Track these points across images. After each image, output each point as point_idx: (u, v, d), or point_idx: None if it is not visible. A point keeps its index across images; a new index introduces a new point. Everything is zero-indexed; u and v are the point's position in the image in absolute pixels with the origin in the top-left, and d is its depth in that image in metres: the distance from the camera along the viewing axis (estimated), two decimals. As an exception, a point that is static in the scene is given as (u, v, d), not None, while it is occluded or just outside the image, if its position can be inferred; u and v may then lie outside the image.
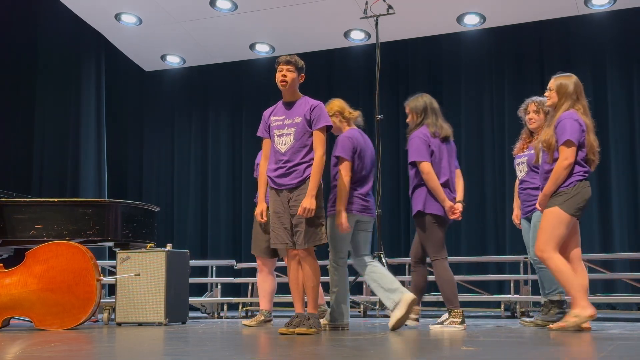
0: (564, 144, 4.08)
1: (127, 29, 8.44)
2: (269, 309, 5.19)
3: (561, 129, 4.10)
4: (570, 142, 4.07)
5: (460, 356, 2.58)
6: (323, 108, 4.17)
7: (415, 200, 4.52)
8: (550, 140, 4.13)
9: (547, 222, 4.10)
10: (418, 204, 4.48)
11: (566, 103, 4.21)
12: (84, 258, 4.91)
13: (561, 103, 4.22)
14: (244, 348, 3.12)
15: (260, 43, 8.76)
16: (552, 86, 4.29)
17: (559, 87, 4.25)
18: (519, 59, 8.13)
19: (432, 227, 4.47)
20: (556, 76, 4.32)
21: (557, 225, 4.07)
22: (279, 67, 4.18)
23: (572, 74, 4.33)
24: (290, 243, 4.09)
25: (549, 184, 4.10)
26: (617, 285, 7.21)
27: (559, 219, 4.07)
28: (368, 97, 8.53)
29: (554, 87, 4.28)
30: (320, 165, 4.06)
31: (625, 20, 7.61)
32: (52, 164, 8.49)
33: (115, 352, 3.03)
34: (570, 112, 4.16)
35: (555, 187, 4.09)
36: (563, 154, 4.08)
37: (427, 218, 4.47)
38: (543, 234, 4.10)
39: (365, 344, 3.27)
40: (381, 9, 5.65)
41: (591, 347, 2.97)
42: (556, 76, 4.32)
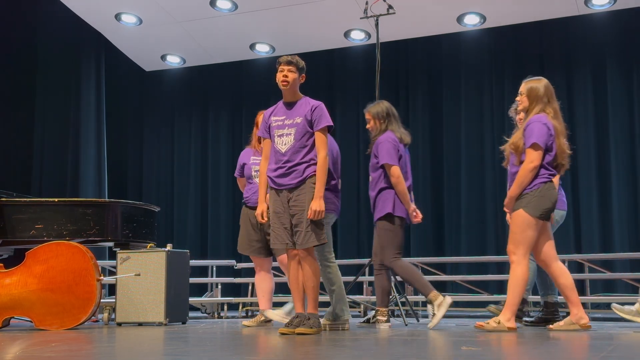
0: (530, 147, 4.12)
1: (127, 29, 8.44)
2: (268, 308, 5.19)
3: (529, 132, 4.15)
4: (537, 146, 4.11)
5: (460, 356, 2.58)
6: (324, 108, 4.17)
7: (384, 202, 4.65)
8: (519, 143, 4.18)
9: (515, 225, 4.14)
10: (387, 207, 4.62)
11: (537, 107, 4.26)
12: (84, 258, 4.91)
13: (532, 107, 4.27)
14: (244, 348, 3.12)
15: (261, 43, 8.76)
16: (522, 90, 4.34)
17: (529, 91, 4.30)
18: (519, 59, 8.13)
19: (398, 229, 4.65)
20: (527, 80, 4.38)
21: (525, 228, 4.11)
22: (279, 67, 4.18)
23: (542, 77, 4.38)
24: (290, 243, 4.09)
25: (514, 186, 4.15)
26: (617, 285, 7.21)
27: (526, 222, 4.11)
28: (368, 97, 8.51)
29: (524, 91, 4.33)
30: (324, 166, 4.07)
31: (626, 20, 7.61)
32: (52, 164, 8.48)
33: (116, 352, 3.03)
34: (539, 116, 4.20)
35: (520, 189, 4.13)
36: (529, 156, 4.12)
37: (395, 220, 4.62)
38: (512, 237, 4.15)
39: (366, 344, 3.27)
40: (381, 9, 5.65)
41: (591, 347, 2.97)
42: (527, 80, 4.38)
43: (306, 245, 4.01)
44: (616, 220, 7.43)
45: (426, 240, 8.19)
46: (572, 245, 7.55)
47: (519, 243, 4.11)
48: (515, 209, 4.15)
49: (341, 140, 8.71)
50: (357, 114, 8.74)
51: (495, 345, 3.14)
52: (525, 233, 4.10)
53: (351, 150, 8.69)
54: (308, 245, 4.01)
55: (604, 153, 7.60)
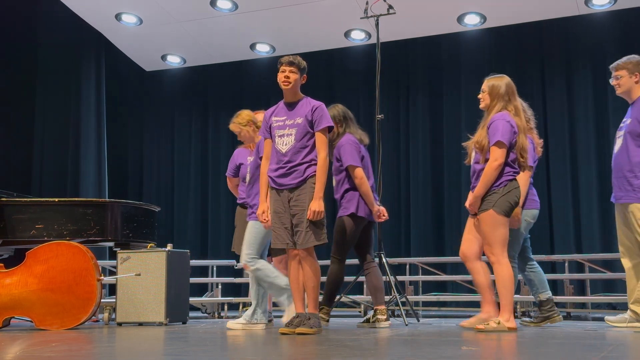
0: (495, 145, 4.12)
1: (127, 28, 8.44)
2: (268, 309, 5.18)
3: (493, 130, 4.15)
4: (501, 144, 4.11)
5: (460, 356, 2.58)
6: (324, 109, 4.17)
7: (349, 202, 4.70)
8: (483, 142, 4.18)
9: (486, 226, 4.13)
10: (351, 207, 4.68)
11: (498, 104, 4.25)
12: (85, 258, 4.91)
13: (493, 104, 4.27)
14: (244, 348, 3.12)
15: (261, 43, 8.76)
16: (484, 88, 4.35)
17: (491, 88, 4.30)
18: (519, 59, 8.13)
19: (356, 229, 4.74)
20: (488, 78, 4.38)
21: (496, 227, 4.11)
22: (281, 67, 4.18)
23: (504, 75, 4.37)
24: (290, 243, 4.09)
25: (480, 185, 4.13)
26: (617, 285, 7.21)
27: (497, 221, 4.11)
28: (368, 97, 8.53)
29: (486, 88, 4.33)
30: (325, 166, 4.07)
31: (626, 20, 7.61)
32: (52, 164, 8.48)
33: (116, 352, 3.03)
34: (503, 114, 4.20)
35: (486, 188, 4.12)
36: (493, 154, 4.12)
37: (357, 220, 4.70)
38: (485, 238, 4.14)
39: (366, 343, 3.27)
40: (381, 9, 5.65)
41: (591, 347, 2.97)
42: (488, 78, 4.38)
43: (306, 245, 4.01)
44: (616, 220, 7.42)
45: (426, 240, 8.19)
46: (573, 245, 7.55)
47: (494, 243, 4.11)
48: (483, 209, 4.14)
49: (341, 140, 8.72)
50: (357, 114, 8.70)
51: (495, 345, 3.14)
52: (498, 232, 4.11)
53: (351, 150, 8.68)
54: (308, 245, 4.01)
55: (604, 153, 7.60)
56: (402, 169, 8.43)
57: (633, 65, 4.43)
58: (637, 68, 4.42)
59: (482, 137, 4.20)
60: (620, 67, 4.47)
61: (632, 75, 4.43)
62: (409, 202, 8.28)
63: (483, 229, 4.15)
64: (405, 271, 7.25)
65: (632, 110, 4.45)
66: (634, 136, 4.33)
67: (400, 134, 8.48)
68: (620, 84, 4.47)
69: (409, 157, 8.38)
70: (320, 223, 4.04)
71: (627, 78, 4.44)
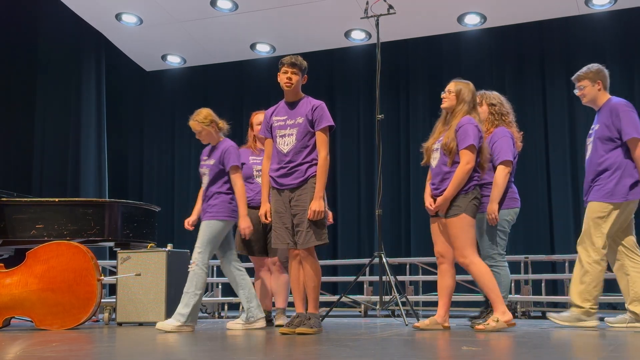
0: (467, 149, 4.15)
1: (127, 28, 8.44)
2: (268, 309, 5.18)
3: (463, 134, 4.17)
4: (473, 147, 4.16)
5: (460, 356, 2.58)
6: (325, 108, 4.18)
7: None
8: (452, 145, 4.19)
9: (458, 230, 4.14)
10: None
11: (464, 108, 4.30)
12: (85, 258, 4.91)
13: (460, 108, 4.30)
14: (244, 348, 3.12)
15: (261, 43, 8.77)
16: (452, 89, 4.37)
17: (459, 92, 4.34)
18: (519, 59, 8.14)
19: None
20: (456, 81, 4.42)
21: (467, 230, 4.15)
22: (283, 68, 4.19)
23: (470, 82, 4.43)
24: (291, 243, 4.09)
25: (451, 188, 4.15)
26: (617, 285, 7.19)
27: (468, 224, 4.15)
28: (368, 97, 8.53)
29: (453, 90, 4.36)
30: (325, 166, 4.08)
31: (626, 20, 7.61)
32: (53, 163, 8.48)
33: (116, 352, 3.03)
34: (470, 118, 4.25)
35: (456, 190, 4.15)
36: (465, 158, 4.15)
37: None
38: (458, 241, 4.15)
39: (366, 343, 3.27)
40: (382, 9, 5.65)
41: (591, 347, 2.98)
42: (456, 81, 4.42)
43: (307, 245, 4.01)
44: (616, 220, 7.42)
45: (426, 240, 8.15)
46: (573, 245, 7.53)
47: (465, 246, 4.13)
48: (454, 214, 4.15)
49: (341, 140, 8.72)
50: (357, 114, 8.74)
51: (495, 345, 3.14)
52: (468, 234, 4.15)
53: (351, 150, 8.70)
54: (309, 245, 4.01)
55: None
56: (402, 169, 8.42)
57: (594, 74, 4.53)
58: (598, 76, 4.53)
59: (449, 139, 4.21)
60: (582, 78, 4.57)
61: (594, 84, 4.52)
62: (409, 202, 8.28)
63: (454, 233, 4.16)
64: (405, 271, 7.25)
65: (599, 116, 4.54)
66: (604, 140, 4.41)
67: (400, 134, 8.48)
68: (584, 94, 4.56)
69: (409, 157, 8.38)
70: (321, 223, 4.04)
71: (590, 87, 4.53)
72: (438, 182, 4.25)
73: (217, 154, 4.73)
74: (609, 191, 4.30)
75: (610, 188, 4.30)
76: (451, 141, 4.19)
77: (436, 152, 4.31)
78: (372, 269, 7.27)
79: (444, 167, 4.23)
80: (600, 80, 4.52)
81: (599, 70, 4.54)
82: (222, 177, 4.71)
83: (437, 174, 4.27)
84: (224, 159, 4.69)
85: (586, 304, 4.37)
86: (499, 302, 4.13)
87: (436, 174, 4.28)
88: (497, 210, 4.52)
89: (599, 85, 4.51)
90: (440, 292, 4.35)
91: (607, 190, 4.30)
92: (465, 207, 4.14)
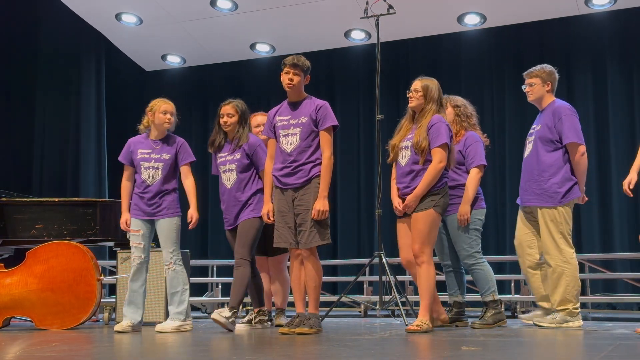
0: (439, 147, 4.13)
1: (127, 28, 8.44)
2: (268, 308, 5.16)
3: (436, 132, 4.16)
4: (446, 146, 4.16)
5: (460, 356, 2.58)
6: (329, 108, 4.18)
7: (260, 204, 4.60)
8: (423, 143, 4.15)
9: (424, 225, 4.10)
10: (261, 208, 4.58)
11: (434, 106, 4.28)
12: (85, 258, 4.91)
13: (429, 107, 4.28)
14: (244, 348, 3.12)
15: (261, 43, 8.76)
16: (417, 87, 4.33)
17: (425, 90, 4.31)
18: (519, 59, 8.13)
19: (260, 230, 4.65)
20: (421, 79, 4.39)
21: (433, 228, 4.13)
22: (285, 69, 4.19)
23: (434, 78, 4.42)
24: (293, 242, 4.09)
25: (422, 185, 4.10)
26: (617, 285, 7.21)
27: (435, 221, 4.14)
28: (368, 97, 8.53)
29: (419, 88, 4.32)
30: (329, 166, 4.09)
31: (626, 20, 7.61)
32: (53, 164, 8.48)
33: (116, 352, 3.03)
34: (440, 117, 4.23)
35: (427, 188, 4.12)
36: (438, 156, 4.13)
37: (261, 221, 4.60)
38: (421, 237, 4.10)
39: (366, 343, 3.27)
40: (382, 9, 5.64)
41: (591, 347, 2.98)
42: (421, 79, 4.39)
43: (309, 245, 4.02)
44: (616, 220, 7.42)
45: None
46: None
47: (427, 243, 4.11)
48: (423, 209, 4.11)
49: (342, 140, 8.72)
50: (357, 114, 8.74)
51: (495, 345, 3.14)
52: (433, 233, 4.14)
53: (351, 150, 8.70)
54: (311, 245, 4.02)
55: (604, 153, 7.60)
56: (402, 169, 8.42)
57: (546, 75, 4.58)
58: (550, 77, 4.59)
59: (421, 138, 4.16)
60: (534, 75, 4.61)
61: (544, 84, 4.58)
62: (409, 202, 8.26)
63: (420, 228, 4.10)
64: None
65: (542, 117, 4.58)
66: (544, 141, 4.46)
67: (400, 134, 8.47)
68: (533, 91, 4.60)
69: (409, 157, 8.36)
70: (324, 223, 4.05)
71: (540, 87, 4.58)
72: (409, 180, 4.19)
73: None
74: (554, 194, 4.38)
75: (555, 191, 4.38)
76: (423, 140, 4.14)
77: (405, 150, 4.25)
78: (372, 269, 7.27)
79: (415, 166, 4.18)
80: (550, 82, 4.59)
81: (552, 72, 4.61)
82: (175, 173, 4.82)
83: (407, 173, 4.21)
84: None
85: (569, 304, 4.39)
86: (429, 309, 4.12)
87: (407, 173, 4.22)
88: (470, 211, 4.58)
89: (549, 87, 4.58)
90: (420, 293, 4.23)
91: (552, 193, 4.38)
92: (436, 204, 4.12)
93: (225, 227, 4.84)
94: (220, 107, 4.87)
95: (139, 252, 4.65)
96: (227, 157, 4.74)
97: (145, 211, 4.68)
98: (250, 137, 4.73)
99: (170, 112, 4.82)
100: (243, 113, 4.80)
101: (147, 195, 4.68)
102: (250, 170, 4.68)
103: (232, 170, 4.71)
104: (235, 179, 4.68)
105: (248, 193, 4.65)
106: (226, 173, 4.73)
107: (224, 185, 4.76)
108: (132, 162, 4.78)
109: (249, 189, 4.66)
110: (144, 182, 4.69)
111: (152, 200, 4.68)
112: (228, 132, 4.77)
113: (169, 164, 4.72)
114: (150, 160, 4.75)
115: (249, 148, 4.66)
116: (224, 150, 4.78)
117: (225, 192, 4.78)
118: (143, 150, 4.78)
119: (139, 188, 4.71)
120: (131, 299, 4.62)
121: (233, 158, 4.70)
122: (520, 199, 4.64)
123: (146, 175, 4.71)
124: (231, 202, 4.71)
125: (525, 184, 4.54)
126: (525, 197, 4.55)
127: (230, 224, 4.76)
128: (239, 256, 4.54)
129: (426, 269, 4.10)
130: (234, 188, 4.68)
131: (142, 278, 4.67)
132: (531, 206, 4.52)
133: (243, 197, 4.65)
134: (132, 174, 4.79)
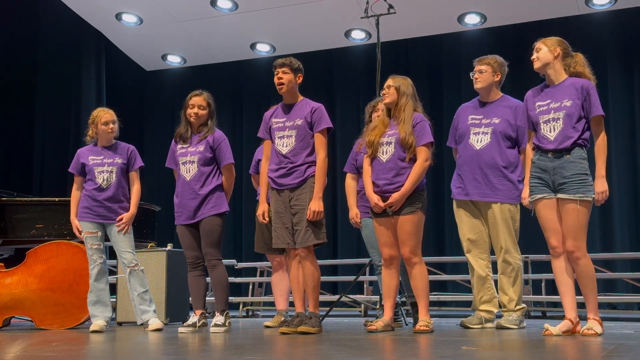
0: (425, 146, 4.10)
1: (127, 28, 8.44)
2: (285, 308, 5.11)
3: (422, 130, 4.11)
4: (431, 145, 4.13)
5: (460, 356, 2.58)
6: (324, 111, 4.19)
7: (222, 200, 4.51)
8: (410, 139, 4.08)
9: (414, 227, 4.06)
10: (224, 205, 4.51)
11: (410, 103, 4.20)
12: (85, 258, 4.92)
13: (405, 103, 4.19)
14: (245, 348, 3.12)
15: (261, 43, 8.77)
16: (392, 84, 4.27)
17: (400, 86, 4.25)
18: (519, 59, 8.11)
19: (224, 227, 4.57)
20: (393, 76, 4.33)
21: (421, 228, 4.13)
22: (275, 70, 4.21)
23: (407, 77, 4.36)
24: (291, 242, 4.10)
25: (409, 184, 4.03)
26: (617, 284, 7.21)
27: (421, 221, 4.13)
28: (368, 97, 8.51)
29: (394, 84, 4.26)
30: (324, 167, 4.09)
31: (626, 20, 7.61)
32: (53, 163, 8.48)
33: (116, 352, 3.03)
34: (422, 115, 4.19)
35: (414, 187, 4.05)
36: (424, 155, 4.08)
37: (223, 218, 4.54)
38: (414, 238, 4.07)
39: (366, 343, 3.28)
40: (382, 9, 5.64)
41: (591, 347, 2.98)
42: (393, 76, 4.33)
43: (305, 244, 4.02)
44: (617, 220, 7.43)
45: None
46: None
47: (418, 244, 4.10)
48: (410, 211, 4.04)
49: (341, 140, 8.72)
50: (357, 113, 8.73)
51: (495, 345, 3.14)
52: (421, 233, 4.13)
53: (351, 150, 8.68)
54: (307, 244, 4.02)
55: (604, 153, 7.59)
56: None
57: (498, 65, 4.50)
58: (500, 69, 4.51)
59: (407, 133, 4.08)
60: (484, 62, 4.50)
61: (494, 74, 4.48)
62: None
63: (410, 230, 4.05)
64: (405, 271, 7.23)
65: (497, 110, 4.46)
66: (505, 137, 4.39)
67: (401, 133, 8.47)
68: (482, 78, 4.48)
69: (409, 157, 8.37)
70: (320, 222, 4.06)
71: (490, 75, 4.48)
72: (392, 176, 4.09)
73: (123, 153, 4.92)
74: (514, 191, 4.34)
75: (517, 188, 4.34)
76: (409, 135, 4.08)
77: (388, 146, 4.14)
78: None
79: (400, 162, 4.10)
80: (500, 73, 4.50)
81: (503, 63, 4.53)
82: (127, 179, 4.90)
83: (390, 169, 4.11)
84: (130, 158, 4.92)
85: (521, 304, 4.42)
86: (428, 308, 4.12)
87: (389, 169, 4.11)
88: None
89: (498, 77, 4.49)
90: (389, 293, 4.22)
91: (513, 189, 4.34)
92: (422, 202, 4.10)
93: (179, 221, 4.54)
94: (189, 97, 4.66)
95: (99, 252, 4.74)
96: (189, 149, 4.56)
97: (100, 214, 4.74)
98: (216, 132, 4.63)
99: (111, 121, 4.88)
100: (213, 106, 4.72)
101: (101, 198, 4.74)
102: (212, 165, 4.53)
103: (192, 162, 4.52)
104: (195, 171, 4.50)
105: (208, 188, 4.48)
106: (186, 165, 4.53)
107: (182, 177, 4.54)
108: (82, 172, 4.83)
109: (209, 184, 4.49)
110: (99, 186, 4.76)
111: (108, 204, 4.76)
112: (193, 123, 4.62)
113: (122, 168, 4.83)
114: (103, 165, 4.82)
115: (213, 141, 4.54)
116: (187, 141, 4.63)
117: (183, 184, 4.55)
118: (94, 157, 4.85)
119: (94, 192, 4.74)
120: (99, 298, 4.70)
121: (195, 150, 4.53)
122: (469, 193, 4.43)
123: (100, 179, 4.77)
124: (189, 195, 4.49)
125: (483, 178, 4.37)
126: (482, 192, 4.37)
127: (187, 217, 4.49)
128: (212, 257, 4.43)
129: (420, 269, 4.10)
130: (193, 181, 4.49)
131: (105, 277, 4.78)
132: (485, 202, 4.38)
133: (202, 191, 4.46)
134: (82, 183, 4.84)
